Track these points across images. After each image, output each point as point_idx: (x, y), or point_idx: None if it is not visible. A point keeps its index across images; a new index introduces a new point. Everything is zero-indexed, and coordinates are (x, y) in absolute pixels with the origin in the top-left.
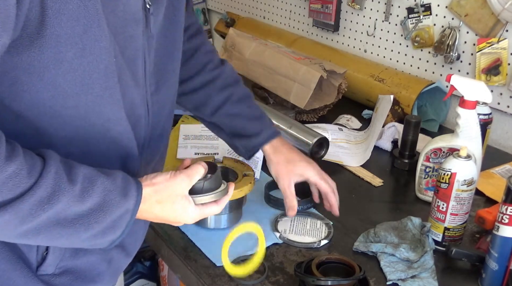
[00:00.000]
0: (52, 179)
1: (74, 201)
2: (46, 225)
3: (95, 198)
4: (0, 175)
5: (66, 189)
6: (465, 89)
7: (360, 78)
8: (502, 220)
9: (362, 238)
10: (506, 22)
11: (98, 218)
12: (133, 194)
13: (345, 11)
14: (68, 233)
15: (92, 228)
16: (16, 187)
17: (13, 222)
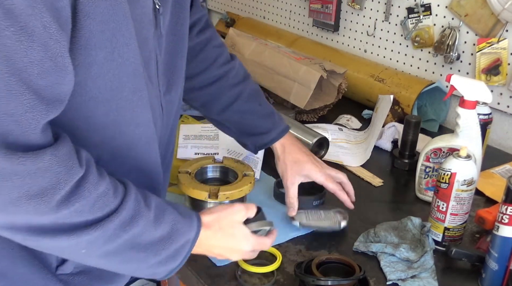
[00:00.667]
0: (133, 202)
1: (149, 226)
2: (124, 247)
3: (165, 226)
4: (94, 193)
5: (144, 213)
6: (465, 89)
7: (360, 78)
8: (502, 220)
9: (362, 238)
10: (506, 22)
11: (165, 245)
12: (194, 225)
13: (345, 11)
14: (140, 258)
15: (159, 255)
16: (105, 206)
17: (99, 242)
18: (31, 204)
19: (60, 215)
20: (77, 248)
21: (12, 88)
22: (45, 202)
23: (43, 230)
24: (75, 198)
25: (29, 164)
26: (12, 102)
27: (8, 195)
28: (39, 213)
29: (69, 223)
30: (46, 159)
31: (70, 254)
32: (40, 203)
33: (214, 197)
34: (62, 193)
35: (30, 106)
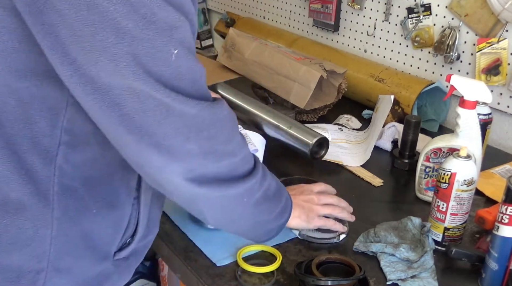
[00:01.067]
0: (258, 162)
1: (271, 178)
2: (262, 198)
3: (275, 181)
4: (246, 147)
5: (266, 171)
6: (465, 89)
7: (360, 78)
8: (502, 220)
9: (362, 238)
10: (506, 22)
11: (280, 196)
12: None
13: (345, 11)
14: (269, 208)
15: (279, 204)
16: (250, 161)
17: (256, 187)
18: (220, 150)
19: (236, 160)
20: (241, 197)
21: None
22: (231, 144)
23: (219, 180)
24: (240, 146)
25: (219, 112)
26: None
27: (206, 144)
28: (224, 157)
29: (239, 173)
30: (225, 107)
31: (234, 205)
32: (228, 146)
33: None
34: (239, 137)
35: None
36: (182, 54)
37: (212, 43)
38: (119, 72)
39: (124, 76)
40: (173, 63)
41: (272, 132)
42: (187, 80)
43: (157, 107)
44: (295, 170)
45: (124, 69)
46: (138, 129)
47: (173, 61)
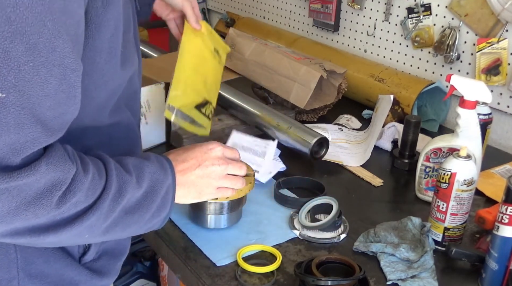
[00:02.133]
0: (115, 175)
1: (135, 188)
2: (121, 216)
3: (146, 181)
4: (85, 183)
5: (127, 180)
6: (465, 89)
7: (360, 78)
8: (502, 220)
9: (362, 238)
10: (506, 22)
11: (152, 198)
12: (168, 169)
13: (345, 11)
14: (135, 219)
15: (150, 208)
16: (96, 190)
17: (99, 222)
18: (30, 211)
19: (59, 212)
20: (80, 236)
21: (21, 121)
22: (44, 205)
23: (45, 229)
24: (71, 194)
25: (26, 178)
26: (17, 134)
27: (6, 206)
28: (39, 216)
29: (68, 216)
30: (42, 170)
31: (74, 242)
32: (39, 207)
33: None
34: (59, 194)
35: (34, 137)
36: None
37: None
38: None
39: None
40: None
41: (272, 132)
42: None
43: None
44: (295, 170)
45: None
46: None
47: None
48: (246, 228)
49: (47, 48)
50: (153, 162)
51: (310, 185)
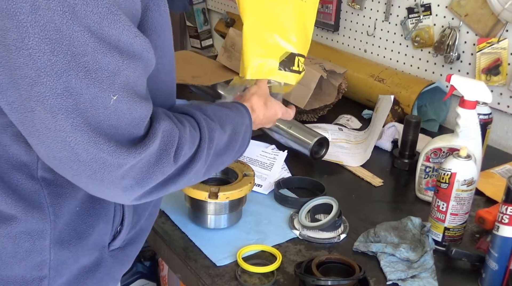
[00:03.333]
0: (205, 126)
1: (221, 134)
2: (214, 159)
3: (229, 127)
4: (187, 138)
5: (214, 128)
6: (465, 89)
7: (360, 78)
8: (502, 220)
9: (362, 238)
10: (506, 22)
11: (236, 139)
12: (246, 114)
13: (345, 11)
14: (223, 160)
15: (234, 148)
16: (195, 141)
17: (202, 166)
18: (157, 170)
19: (177, 166)
20: (190, 180)
21: (132, 105)
22: (166, 163)
23: (166, 182)
24: (180, 148)
25: (153, 144)
26: (131, 114)
27: (141, 173)
28: (165, 173)
29: (180, 167)
30: (159, 134)
31: (186, 185)
32: (163, 165)
33: (214, 197)
34: (173, 151)
35: (144, 109)
36: (122, 98)
37: (212, 43)
38: (55, 124)
39: (60, 127)
40: (111, 108)
41: (272, 132)
42: (124, 125)
43: (92, 160)
44: (295, 170)
45: (60, 121)
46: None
47: (111, 105)
48: (246, 228)
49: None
50: (231, 108)
51: (310, 185)
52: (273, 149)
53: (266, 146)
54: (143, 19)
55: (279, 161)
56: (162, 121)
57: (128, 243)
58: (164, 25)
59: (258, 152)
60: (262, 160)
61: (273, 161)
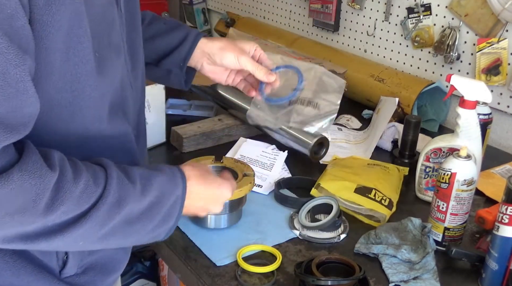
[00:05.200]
0: (116, 184)
1: (138, 200)
2: (120, 226)
3: (153, 192)
4: (75, 190)
5: (130, 191)
6: (465, 89)
7: (360, 78)
8: (502, 220)
9: (363, 239)
10: (506, 22)
11: (158, 209)
12: (179, 181)
13: (345, 11)
14: (137, 229)
15: (154, 219)
16: (90, 197)
17: (94, 228)
18: (15, 220)
19: (48, 220)
20: (74, 243)
21: None
22: (29, 214)
23: (36, 236)
24: (58, 202)
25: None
26: None
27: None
28: (27, 224)
29: (59, 223)
30: (15, 178)
31: (70, 249)
32: (24, 216)
33: None
34: (44, 201)
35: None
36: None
37: None
38: None
39: None
40: None
41: (272, 132)
42: None
43: None
44: (295, 170)
45: None
46: None
47: None
48: (246, 228)
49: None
50: (164, 173)
51: (310, 185)
52: (273, 149)
53: (266, 146)
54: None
55: (279, 161)
56: (27, 162)
57: (89, 269)
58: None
59: (258, 152)
60: (262, 160)
61: (273, 161)
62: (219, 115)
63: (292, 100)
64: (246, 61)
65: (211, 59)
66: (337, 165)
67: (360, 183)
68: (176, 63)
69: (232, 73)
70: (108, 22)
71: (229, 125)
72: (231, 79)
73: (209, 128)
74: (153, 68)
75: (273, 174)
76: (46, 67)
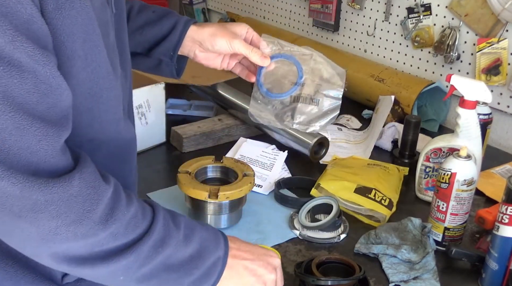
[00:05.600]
0: (162, 223)
1: (180, 246)
2: (158, 269)
3: (195, 244)
4: (126, 214)
5: (173, 234)
6: (465, 89)
7: (360, 78)
8: (502, 220)
9: (363, 239)
10: (506, 22)
11: (197, 264)
12: (221, 241)
13: (345, 11)
14: (174, 278)
15: (192, 274)
16: (137, 228)
17: (135, 265)
18: (70, 230)
19: (98, 239)
20: (115, 275)
21: (20, 124)
22: (84, 225)
23: (82, 260)
24: (112, 219)
25: (61, 191)
26: (24, 136)
27: (47, 225)
28: (79, 238)
29: (106, 249)
30: (75, 184)
31: (109, 282)
32: (79, 227)
33: (214, 197)
34: (98, 215)
35: (42, 134)
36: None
37: None
38: None
39: None
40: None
41: (272, 132)
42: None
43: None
44: (295, 170)
45: None
46: None
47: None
48: (246, 228)
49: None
50: (208, 229)
51: (310, 185)
52: (273, 149)
53: (266, 146)
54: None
55: (279, 161)
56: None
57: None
58: (88, 28)
59: (258, 152)
60: (262, 160)
61: (273, 162)
62: (219, 115)
63: (292, 95)
64: (239, 45)
65: (203, 46)
66: (337, 165)
67: (360, 183)
68: (167, 52)
69: (226, 57)
70: (104, 24)
71: (229, 125)
72: (226, 63)
73: (209, 128)
74: (144, 58)
75: (273, 174)
76: (66, 73)
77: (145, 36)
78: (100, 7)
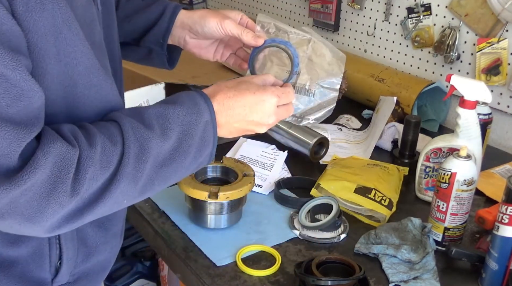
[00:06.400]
0: (133, 135)
1: (161, 141)
2: (154, 172)
3: (176, 128)
4: (94, 157)
5: (149, 135)
6: (465, 89)
7: (360, 78)
8: (502, 220)
9: (363, 239)
10: (506, 22)
11: (188, 142)
12: (202, 107)
13: (345, 11)
14: (174, 168)
15: (188, 153)
16: (111, 158)
17: (130, 185)
18: (52, 203)
19: (81, 193)
20: (118, 204)
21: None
22: (62, 192)
23: (80, 211)
24: (82, 172)
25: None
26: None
27: (30, 208)
28: (64, 204)
29: (94, 192)
30: (41, 161)
31: (116, 209)
32: (58, 197)
33: (214, 197)
34: (71, 178)
35: (11, 136)
36: None
37: None
38: None
39: None
40: None
41: (272, 133)
42: None
43: None
44: (295, 170)
45: None
46: None
47: None
48: (246, 228)
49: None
50: (183, 103)
51: (310, 185)
52: (273, 149)
53: (266, 146)
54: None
55: (279, 161)
56: (46, 143)
57: (81, 277)
58: (63, 28)
59: (258, 152)
60: (262, 160)
61: (273, 162)
62: None
63: None
64: (231, 25)
65: (193, 30)
66: (337, 165)
67: (360, 183)
68: (156, 40)
69: (220, 47)
70: (89, 22)
71: None
72: (220, 53)
73: None
74: (134, 48)
75: (273, 174)
76: (39, 70)
77: (134, 25)
78: (84, 5)
